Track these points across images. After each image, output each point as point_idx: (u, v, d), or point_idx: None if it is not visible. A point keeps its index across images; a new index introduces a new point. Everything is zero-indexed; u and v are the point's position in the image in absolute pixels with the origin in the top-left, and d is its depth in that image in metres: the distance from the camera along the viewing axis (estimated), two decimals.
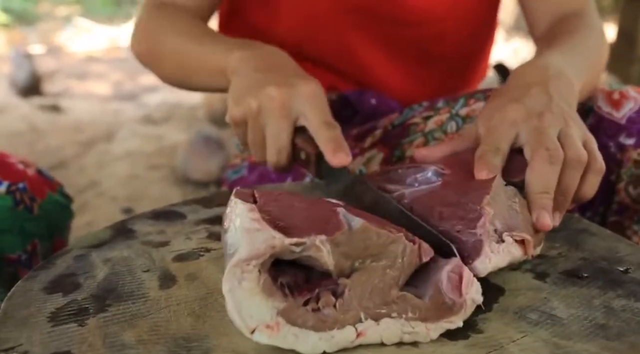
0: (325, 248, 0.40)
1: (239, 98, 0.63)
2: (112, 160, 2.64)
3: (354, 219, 0.41)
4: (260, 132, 0.63)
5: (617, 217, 0.73)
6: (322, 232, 0.40)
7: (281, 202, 0.45)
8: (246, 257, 0.39)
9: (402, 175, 0.58)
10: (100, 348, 0.40)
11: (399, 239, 0.41)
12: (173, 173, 2.45)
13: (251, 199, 0.46)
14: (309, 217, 0.42)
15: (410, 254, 0.41)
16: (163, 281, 0.49)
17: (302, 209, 0.43)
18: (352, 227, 0.41)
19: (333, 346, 0.40)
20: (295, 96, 0.61)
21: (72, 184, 2.32)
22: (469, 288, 0.41)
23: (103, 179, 2.41)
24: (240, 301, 0.39)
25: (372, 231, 0.41)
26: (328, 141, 0.59)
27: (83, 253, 0.54)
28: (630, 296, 0.46)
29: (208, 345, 0.41)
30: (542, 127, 0.54)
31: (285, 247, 0.39)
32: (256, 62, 0.67)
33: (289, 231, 0.41)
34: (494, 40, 1.01)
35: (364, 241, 0.40)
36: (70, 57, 5.23)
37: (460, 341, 0.41)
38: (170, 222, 0.61)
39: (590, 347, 0.40)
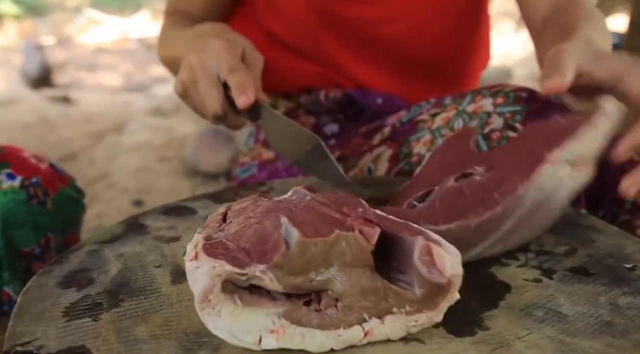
0: (267, 277, 0.39)
1: (177, 76, 0.71)
2: (122, 152, 2.66)
3: (292, 232, 0.40)
4: (199, 97, 0.69)
5: (627, 216, 0.73)
6: (263, 257, 0.40)
7: (242, 215, 0.45)
8: (201, 298, 0.40)
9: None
10: (114, 343, 0.41)
11: (337, 239, 0.40)
12: (183, 165, 2.46)
13: (221, 218, 0.47)
14: (255, 236, 0.42)
15: (355, 243, 0.41)
16: (175, 277, 0.50)
17: (254, 223, 0.43)
18: (290, 244, 0.40)
19: (341, 344, 0.41)
20: (206, 57, 0.67)
21: (82, 176, 2.34)
22: (445, 265, 0.41)
23: (113, 171, 2.43)
24: (229, 328, 0.40)
25: (308, 244, 0.40)
26: (234, 87, 0.65)
27: (96, 248, 0.55)
28: (637, 294, 0.46)
29: (219, 340, 0.41)
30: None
31: (230, 275, 0.40)
32: (189, 40, 0.75)
33: (236, 254, 0.41)
34: (488, 34, 0.99)
35: (304, 255, 0.40)
36: (81, 49, 5.26)
37: (467, 337, 0.42)
38: (181, 218, 0.62)
39: (596, 344, 0.40)
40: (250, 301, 0.41)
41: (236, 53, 0.69)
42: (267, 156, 0.96)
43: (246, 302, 0.40)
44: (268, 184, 0.72)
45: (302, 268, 0.40)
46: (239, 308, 0.40)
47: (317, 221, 0.43)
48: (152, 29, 5.56)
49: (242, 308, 0.40)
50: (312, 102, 0.95)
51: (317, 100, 0.94)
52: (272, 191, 0.70)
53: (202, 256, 0.41)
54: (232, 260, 0.40)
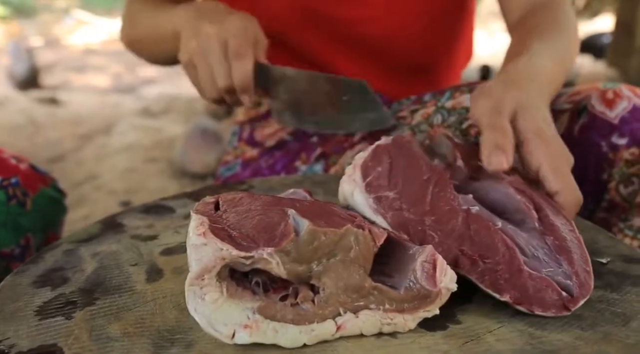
0: (274, 260, 0.40)
1: (184, 44, 0.71)
2: (110, 153, 2.65)
3: (301, 222, 0.41)
4: (208, 67, 0.69)
5: (605, 214, 0.73)
6: (270, 242, 0.41)
7: (240, 207, 0.46)
8: (198, 274, 0.40)
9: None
10: (86, 341, 0.41)
11: (347, 232, 0.41)
12: (171, 166, 2.46)
13: (213, 207, 0.47)
14: (261, 224, 0.43)
15: (364, 241, 0.42)
16: (150, 275, 0.50)
17: (256, 214, 0.44)
18: (299, 233, 0.41)
19: (313, 339, 0.41)
20: (225, 29, 0.68)
21: (70, 177, 2.33)
22: (443, 276, 0.42)
23: (101, 172, 2.42)
24: (209, 315, 0.40)
25: (319, 233, 0.41)
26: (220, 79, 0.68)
27: (72, 248, 0.55)
28: (607, 287, 0.47)
29: (192, 337, 0.42)
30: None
31: (235, 259, 0.40)
32: (195, 13, 0.74)
33: (240, 241, 0.41)
34: (470, 33, 0.99)
35: (312, 243, 0.41)
36: (69, 50, 5.23)
37: (439, 331, 0.42)
38: (159, 217, 0.62)
39: (564, 337, 0.41)
40: (234, 293, 0.41)
41: (253, 33, 0.70)
42: (250, 154, 0.97)
43: (230, 293, 0.41)
44: (248, 182, 0.72)
45: (308, 257, 0.41)
46: (223, 298, 0.40)
47: (326, 215, 0.44)
48: None
49: (225, 299, 0.40)
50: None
51: None
52: (251, 189, 0.70)
53: (210, 235, 0.41)
54: (237, 246, 0.41)
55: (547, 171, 0.50)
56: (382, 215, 0.48)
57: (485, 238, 0.46)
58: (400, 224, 0.48)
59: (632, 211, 0.70)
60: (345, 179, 0.52)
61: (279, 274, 0.41)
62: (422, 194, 0.49)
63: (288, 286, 0.42)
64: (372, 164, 0.50)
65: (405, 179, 0.49)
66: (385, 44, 0.91)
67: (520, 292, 0.43)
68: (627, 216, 0.71)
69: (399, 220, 0.48)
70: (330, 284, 0.42)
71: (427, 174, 0.50)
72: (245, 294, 0.41)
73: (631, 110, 0.70)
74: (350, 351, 0.40)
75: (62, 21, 6.12)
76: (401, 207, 0.48)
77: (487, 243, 0.45)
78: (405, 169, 0.50)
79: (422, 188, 0.49)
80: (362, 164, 0.51)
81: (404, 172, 0.50)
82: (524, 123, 0.52)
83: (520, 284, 0.43)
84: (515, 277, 0.43)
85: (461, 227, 0.47)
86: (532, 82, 0.59)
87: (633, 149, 0.69)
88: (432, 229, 0.47)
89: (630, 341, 0.40)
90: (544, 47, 0.66)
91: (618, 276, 0.48)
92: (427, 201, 0.49)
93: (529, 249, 0.46)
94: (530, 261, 0.45)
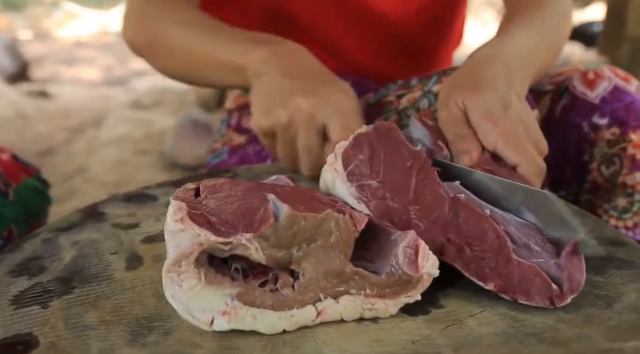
0: (253, 246, 0.39)
1: (267, 108, 0.62)
2: (100, 146, 2.64)
3: (281, 207, 0.41)
4: (292, 144, 0.62)
5: (589, 196, 0.73)
6: (249, 227, 0.40)
7: (220, 193, 0.45)
8: (175, 261, 0.39)
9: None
10: (61, 329, 0.41)
11: (327, 216, 0.41)
12: (162, 158, 2.44)
13: (193, 194, 0.46)
14: (240, 210, 0.42)
15: (344, 225, 0.41)
16: (130, 263, 0.49)
17: (236, 200, 0.43)
18: (278, 217, 0.40)
19: (293, 325, 0.40)
20: (324, 107, 0.60)
21: (60, 170, 2.32)
22: (425, 262, 0.41)
23: (91, 165, 2.41)
24: (187, 302, 0.39)
25: (298, 217, 0.40)
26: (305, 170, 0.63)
27: (51, 236, 0.54)
28: (591, 270, 0.46)
29: (170, 324, 0.41)
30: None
31: (213, 245, 0.39)
32: (280, 64, 0.65)
33: (219, 226, 0.41)
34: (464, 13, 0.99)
35: (292, 228, 0.40)
36: (59, 43, 5.19)
37: (420, 316, 0.42)
38: (141, 205, 0.61)
39: (547, 320, 0.41)
40: (213, 279, 0.40)
41: (356, 112, 0.62)
42: (238, 141, 0.96)
43: (209, 280, 0.40)
44: (232, 170, 0.72)
45: (288, 242, 0.40)
46: (201, 284, 0.40)
47: (307, 201, 0.43)
48: None
49: (203, 285, 0.40)
50: None
51: None
52: (236, 177, 0.69)
53: (187, 220, 0.41)
54: (215, 231, 0.40)
55: (502, 148, 0.53)
56: (365, 204, 0.48)
57: (475, 226, 0.45)
58: (384, 213, 0.47)
59: (614, 192, 0.70)
60: (327, 168, 0.51)
61: (258, 260, 0.40)
62: (405, 182, 0.48)
63: (268, 272, 0.42)
64: (353, 152, 0.50)
65: (388, 167, 0.49)
66: (385, 19, 0.90)
67: (506, 280, 0.42)
68: (611, 196, 0.71)
69: (383, 209, 0.47)
70: (310, 270, 0.41)
71: (409, 160, 0.49)
72: (224, 280, 0.41)
73: (612, 90, 0.70)
74: (331, 336, 0.40)
75: (52, 14, 6.07)
76: (384, 196, 0.48)
77: (476, 231, 0.45)
78: (387, 156, 0.49)
79: (405, 176, 0.49)
80: (343, 153, 0.50)
81: (385, 160, 0.49)
82: (471, 114, 0.55)
83: (507, 273, 0.43)
84: (503, 265, 0.43)
85: (448, 215, 0.46)
86: (495, 63, 0.59)
87: (614, 129, 0.69)
88: (417, 218, 0.46)
89: (612, 324, 0.40)
90: (525, 26, 0.65)
91: (602, 259, 0.48)
92: (411, 190, 0.48)
93: (519, 237, 0.45)
94: (520, 250, 0.44)
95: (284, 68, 0.64)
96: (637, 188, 0.69)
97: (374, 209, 0.47)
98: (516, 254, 0.43)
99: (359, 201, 0.48)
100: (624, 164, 0.70)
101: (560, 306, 0.42)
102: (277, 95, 0.62)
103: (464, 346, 0.38)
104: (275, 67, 0.65)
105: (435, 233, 0.45)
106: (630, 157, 0.69)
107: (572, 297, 0.42)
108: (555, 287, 0.42)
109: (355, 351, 0.38)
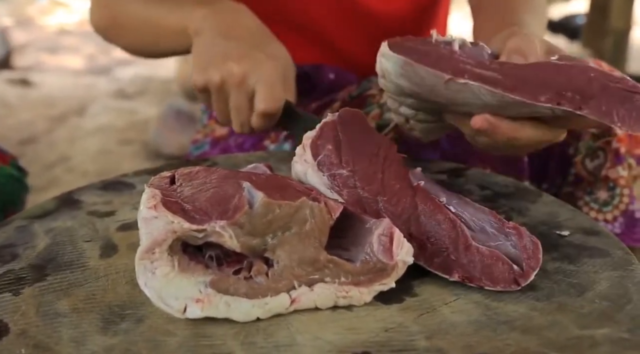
0: (227, 233, 0.39)
1: (202, 67, 0.64)
2: (83, 135, 2.61)
3: (256, 195, 0.41)
4: (224, 102, 0.65)
5: (571, 188, 0.73)
6: (224, 215, 0.40)
7: (196, 181, 0.45)
8: (148, 248, 0.39)
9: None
10: (33, 317, 0.40)
11: (302, 204, 0.41)
12: (145, 147, 2.42)
13: (168, 181, 0.46)
14: (215, 197, 0.42)
15: (319, 213, 0.41)
16: (104, 251, 0.49)
17: (211, 188, 0.43)
18: (253, 205, 0.40)
19: (267, 313, 0.40)
20: (254, 73, 0.62)
21: (42, 159, 2.29)
22: (400, 249, 0.41)
23: (74, 154, 2.38)
24: (160, 289, 0.39)
25: (273, 205, 0.40)
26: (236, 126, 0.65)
27: (25, 224, 0.53)
28: (564, 259, 0.46)
29: (143, 312, 0.41)
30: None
31: (187, 232, 0.39)
32: (218, 23, 0.67)
33: (193, 214, 0.41)
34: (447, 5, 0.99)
35: (266, 216, 0.40)
36: (42, 30, 5.12)
37: (394, 304, 0.42)
38: (118, 193, 0.61)
39: (520, 308, 0.41)
40: (186, 267, 0.40)
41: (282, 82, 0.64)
42: (220, 132, 0.95)
43: (182, 267, 0.40)
44: (211, 159, 0.71)
45: (262, 230, 0.40)
46: (174, 272, 0.40)
47: (282, 189, 0.43)
48: None
49: (177, 273, 0.40)
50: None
51: None
52: (215, 166, 0.69)
53: (161, 208, 0.40)
54: (189, 219, 0.40)
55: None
56: (337, 193, 0.48)
57: (431, 217, 0.45)
58: (356, 202, 0.47)
59: (597, 185, 0.71)
60: (297, 160, 0.51)
61: (233, 248, 0.40)
62: (373, 170, 0.48)
63: (242, 259, 0.41)
64: (321, 142, 0.50)
65: (356, 156, 0.49)
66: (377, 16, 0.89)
67: (470, 269, 0.43)
68: (593, 189, 0.71)
69: (355, 198, 0.47)
70: (284, 257, 0.41)
71: (376, 148, 0.49)
72: (197, 268, 0.40)
73: None
74: (305, 324, 0.40)
75: (36, 1, 5.98)
76: (355, 185, 0.48)
77: (433, 223, 0.45)
78: (355, 145, 0.49)
79: (373, 164, 0.49)
80: (311, 144, 0.50)
81: (353, 149, 0.49)
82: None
83: (469, 261, 0.43)
84: (463, 254, 0.43)
85: (409, 208, 0.46)
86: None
87: None
88: (385, 210, 0.47)
89: (584, 311, 0.40)
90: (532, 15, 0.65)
91: (576, 247, 0.48)
92: (379, 179, 0.48)
93: (474, 222, 0.45)
94: (478, 235, 0.45)
95: (222, 27, 0.67)
96: (619, 182, 0.70)
97: (347, 197, 0.47)
98: (474, 240, 0.44)
99: (332, 190, 0.48)
100: (607, 158, 0.70)
101: (524, 284, 0.42)
102: (212, 55, 0.64)
103: (437, 333, 0.38)
104: (212, 26, 0.67)
105: (399, 227, 0.45)
106: (614, 151, 0.69)
107: (534, 274, 0.43)
108: (517, 267, 0.42)
109: (329, 339, 0.38)
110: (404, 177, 0.48)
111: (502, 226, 0.45)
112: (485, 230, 0.45)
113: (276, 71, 0.63)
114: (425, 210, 0.45)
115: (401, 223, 0.45)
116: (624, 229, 0.69)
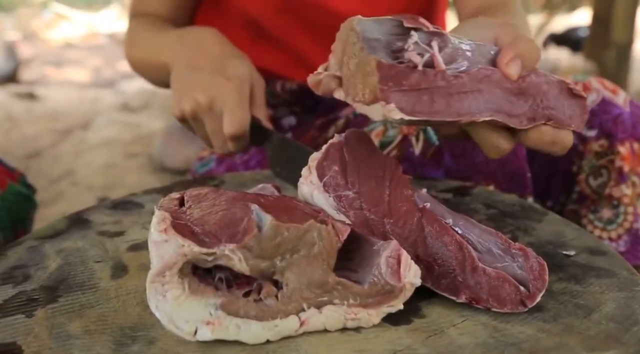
0: (237, 256, 0.40)
1: (176, 100, 0.70)
2: (88, 148, 2.62)
3: (264, 217, 0.41)
4: (202, 128, 0.70)
5: (575, 206, 0.74)
6: (233, 238, 0.40)
7: (205, 203, 0.45)
8: (159, 271, 0.40)
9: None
10: (46, 339, 0.41)
11: (310, 227, 0.41)
12: (150, 161, 2.43)
13: (177, 203, 0.46)
14: (224, 220, 0.42)
15: (327, 236, 0.41)
16: (115, 271, 0.50)
17: (220, 210, 0.44)
18: (262, 228, 0.41)
19: (276, 335, 0.41)
20: (218, 100, 0.67)
21: (47, 173, 2.31)
22: (407, 271, 0.42)
23: (79, 168, 2.40)
24: (171, 312, 0.40)
25: (282, 228, 0.40)
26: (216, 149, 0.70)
27: (36, 244, 0.54)
28: (571, 279, 0.47)
29: (154, 334, 0.41)
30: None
31: (197, 256, 0.40)
32: (185, 55, 0.72)
33: (203, 237, 0.41)
34: (443, 17, 0.99)
35: (275, 239, 0.40)
36: (47, 44, 5.16)
37: (403, 325, 0.42)
38: (127, 212, 0.61)
39: (527, 329, 0.41)
40: (196, 289, 0.40)
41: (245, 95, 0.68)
42: None
43: (192, 290, 0.40)
44: (219, 178, 0.72)
45: (271, 252, 0.41)
46: (184, 295, 0.40)
47: (290, 211, 0.43)
48: (121, 24, 5.49)
49: (187, 295, 0.40)
50: (269, 93, 0.94)
51: (273, 91, 0.93)
52: (223, 184, 0.70)
53: (171, 231, 0.41)
54: (199, 242, 0.40)
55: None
56: (344, 214, 0.48)
57: (438, 240, 0.45)
58: (363, 223, 0.47)
59: (601, 203, 0.71)
60: (303, 181, 0.51)
61: (242, 271, 0.41)
62: (379, 192, 0.49)
63: (252, 281, 0.42)
64: (327, 163, 0.50)
65: (362, 177, 0.49)
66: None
67: (477, 291, 0.43)
68: (597, 207, 0.71)
69: (362, 219, 0.48)
70: (293, 280, 0.41)
71: (382, 169, 0.50)
72: (207, 290, 0.41)
73: (600, 102, 0.70)
74: (314, 346, 0.40)
75: (41, 15, 6.03)
76: (362, 207, 0.48)
77: (439, 245, 0.45)
78: (360, 166, 0.50)
79: (379, 186, 0.49)
80: (317, 165, 0.50)
81: (359, 170, 0.50)
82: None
83: (476, 283, 0.43)
84: (471, 276, 0.44)
85: (416, 230, 0.46)
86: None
87: (602, 141, 0.70)
88: (392, 232, 0.47)
89: (591, 333, 0.40)
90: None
91: (582, 268, 0.48)
92: (385, 201, 0.48)
93: (481, 243, 0.46)
94: (484, 257, 0.45)
95: (187, 59, 0.71)
96: (623, 200, 0.70)
97: (354, 219, 0.48)
98: (481, 261, 0.44)
99: (338, 211, 0.48)
100: (611, 176, 0.70)
101: (531, 306, 0.43)
102: (182, 87, 0.70)
103: None
104: (180, 59, 0.72)
105: (406, 250, 0.46)
106: (618, 169, 0.70)
107: (541, 295, 0.43)
108: (523, 289, 0.43)
109: None
110: (410, 199, 0.48)
111: (509, 247, 0.45)
112: (492, 251, 0.45)
113: (238, 93, 0.67)
114: (431, 232, 0.46)
115: (408, 245, 0.46)
116: (628, 247, 0.70)
